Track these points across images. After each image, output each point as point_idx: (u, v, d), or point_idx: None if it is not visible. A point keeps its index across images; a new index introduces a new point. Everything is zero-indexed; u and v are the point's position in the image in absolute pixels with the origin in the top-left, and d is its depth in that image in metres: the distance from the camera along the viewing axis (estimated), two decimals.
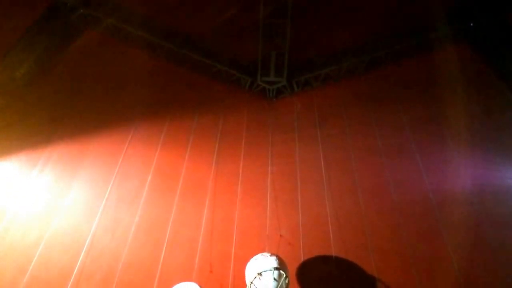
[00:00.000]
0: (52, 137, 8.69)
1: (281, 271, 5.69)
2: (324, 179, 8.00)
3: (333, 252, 7.09)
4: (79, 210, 7.78)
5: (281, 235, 7.50)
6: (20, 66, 9.24)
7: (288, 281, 5.80)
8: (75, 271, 7.00)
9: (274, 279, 5.63)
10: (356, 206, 7.83)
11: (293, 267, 6.94)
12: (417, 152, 8.32)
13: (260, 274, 5.65)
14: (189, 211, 7.81)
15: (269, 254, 5.92)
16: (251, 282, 5.69)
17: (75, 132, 8.83)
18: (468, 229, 7.42)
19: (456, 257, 7.13)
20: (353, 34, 10.13)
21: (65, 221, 7.61)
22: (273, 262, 5.75)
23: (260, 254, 5.94)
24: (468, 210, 7.60)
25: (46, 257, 7.15)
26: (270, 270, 5.67)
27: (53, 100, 9.34)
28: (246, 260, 6.01)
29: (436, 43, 9.93)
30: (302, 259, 7.25)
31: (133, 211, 7.71)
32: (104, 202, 7.79)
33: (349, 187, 8.10)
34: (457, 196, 7.82)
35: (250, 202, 7.90)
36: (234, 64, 10.05)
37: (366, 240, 7.38)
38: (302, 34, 10.00)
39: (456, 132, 8.56)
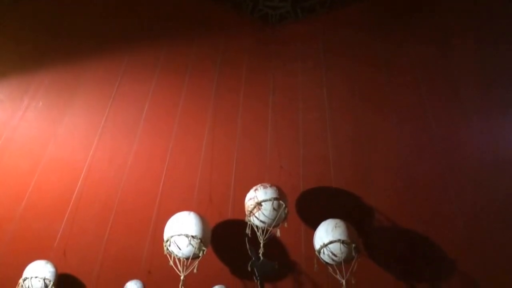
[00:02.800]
0: (44, 61, 8.35)
1: (281, 202, 5.69)
2: (326, 110, 7.80)
3: (333, 183, 7.05)
4: (75, 139, 7.65)
5: (281, 166, 7.43)
6: None
7: (288, 211, 5.80)
8: (72, 200, 6.99)
9: (274, 209, 5.64)
10: (357, 138, 7.71)
11: (292, 198, 6.92)
12: (425, 90, 7.98)
13: (259, 204, 5.65)
14: (188, 141, 7.68)
15: (269, 184, 5.87)
16: (251, 212, 5.70)
17: (68, 57, 8.47)
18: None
19: (458, 200, 7.10)
20: None
21: (60, 149, 7.49)
22: (273, 192, 5.72)
23: (260, 184, 5.90)
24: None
25: (42, 186, 7.11)
26: (269, 200, 5.66)
27: (43, 22, 8.89)
28: (246, 190, 5.98)
29: None
30: (301, 190, 7.23)
31: (131, 140, 7.57)
32: (100, 131, 7.62)
33: (352, 120, 7.93)
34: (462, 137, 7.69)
35: (250, 133, 7.76)
36: None
37: (367, 172, 7.33)
38: None
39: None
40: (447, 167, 7.28)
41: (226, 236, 7.01)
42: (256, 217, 5.67)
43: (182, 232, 5.64)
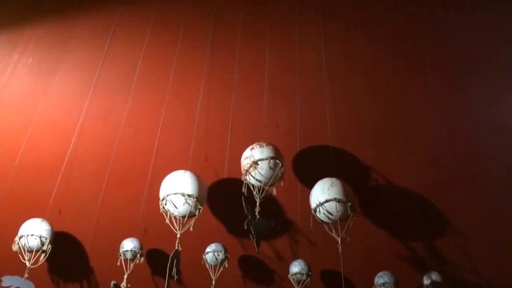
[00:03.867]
0: (32, 16, 8.04)
1: (277, 161, 5.63)
2: (324, 67, 7.63)
3: (330, 142, 7.00)
4: (67, 96, 7.52)
5: (277, 125, 7.36)
6: None
7: (284, 170, 5.77)
8: (66, 158, 6.92)
9: (270, 168, 5.59)
10: (355, 97, 7.62)
11: (289, 157, 6.89)
12: (425, 47, 7.79)
13: (256, 163, 5.59)
14: (183, 98, 7.56)
15: (265, 143, 5.80)
16: (247, 171, 5.66)
17: (58, 11, 8.18)
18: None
19: (455, 162, 7.10)
20: None
21: (52, 107, 7.37)
22: (269, 151, 5.66)
23: (256, 143, 5.82)
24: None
25: (35, 144, 7.04)
26: (266, 159, 5.60)
27: None
28: (242, 149, 5.91)
29: None
30: (298, 148, 7.19)
31: (124, 97, 7.42)
32: (93, 88, 7.45)
33: (350, 78, 7.80)
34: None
35: (247, 90, 7.63)
36: None
37: (363, 130, 7.29)
38: None
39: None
40: (445, 129, 7.25)
41: (222, 195, 7.03)
42: (252, 176, 5.64)
43: (178, 191, 5.62)
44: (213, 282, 6.35)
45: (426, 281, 6.61)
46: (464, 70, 7.85)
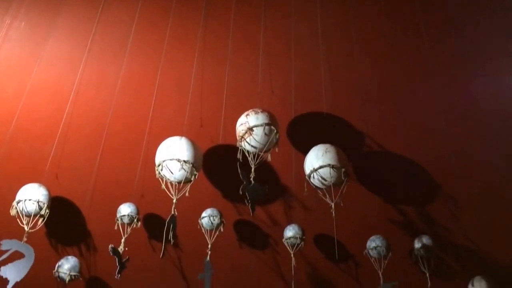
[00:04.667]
0: None
1: (272, 127, 5.64)
2: (320, 33, 7.55)
3: (325, 109, 7.00)
4: (60, 61, 7.42)
5: (272, 91, 7.35)
6: None
7: (279, 136, 5.80)
8: (62, 123, 6.90)
9: (265, 134, 5.61)
10: (350, 64, 7.56)
11: (284, 123, 6.93)
12: (422, 20, 7.69)
13: (251, 129, 5.61)
14: (177, 64, 7.48)
15: (260, 110, 5.81)
16: (242, 137, 5.69)
17: None
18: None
19: (448, 129, 7.14)
20: None
21: (46, 72, 7.26)
22: (264, 117, 5.66)
23: (251, 109, 5.83)
24: None
25: (30, 109, 6.99)
26: (261, 125, 5.61)
27: None
28: (237, 115, 5.91)
29: None
30: (293, 115, 7.21)
31: (118, 63, 7.32)
32: (86, 53, 7.34)
33: (345, 45, 7.72)
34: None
35: (242, 57, 7.54)
36: None
37: (358, 97, 7.28)
38: None
39: None
40: (440, 94, 7.27)
41: (217, 161, 7.08)
42: (247, 142, 5.66)
43: (174, 157, 5.66)
44: (209, 246, 6.47)
45: (417, 245, 6.79)
46: (461, 33, 7.79)
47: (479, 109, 7.45)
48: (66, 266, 6.36)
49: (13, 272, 5.43)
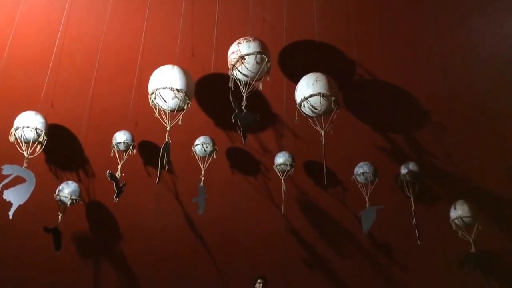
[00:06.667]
0: None
1: (264, 56, 5.65)
2: None
3: (316, 37, 6.96)
4: None
5: (264, 19, 7.25)
6: None
7: (270, 65, 5.82)
8: (54, 51, 6.86)
9: (257, 63, 5.62)
10: None
11: (275, 52, 6.90)
12: None
13: (242, 57, 5.61)
14: None
15: (252, 38, 5.78)
16: (233, 66, 5.71)
17: None
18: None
19: (438, 48, 7.14)
20: None
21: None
22: (256, 46, 5.65)
23: (243, 38, 5.80)
24: None
25: (21, 37, 6.92)
26: (252, 54, 5.61)
27: None
28: (229, 44, 5.88)
29: None
30: (284, 43, 7.17)
31: None
32: None
33: None
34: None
35: None
36: None
37: (350, 26, 7.16)
38: None
39: None
40: (434, 29, 7.19)
41: (209, 90, 7.14)
42: (239, 70, 5.70)
43: (167, 85, 5.72)
44: (202, 172, 6.71)
45: (403, 170, 6.98)
46: None
47: (474, 41, 7.35)
48: (67, 190, 6.59)
49: (15, 196, 5.61)
